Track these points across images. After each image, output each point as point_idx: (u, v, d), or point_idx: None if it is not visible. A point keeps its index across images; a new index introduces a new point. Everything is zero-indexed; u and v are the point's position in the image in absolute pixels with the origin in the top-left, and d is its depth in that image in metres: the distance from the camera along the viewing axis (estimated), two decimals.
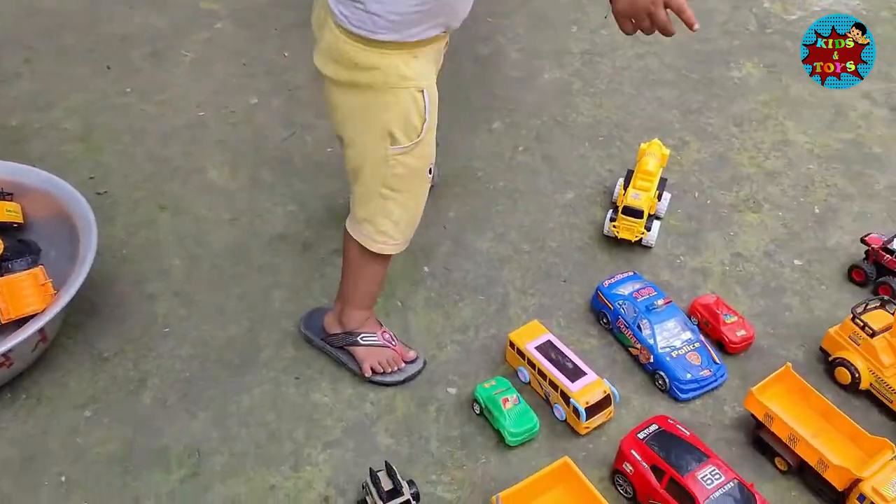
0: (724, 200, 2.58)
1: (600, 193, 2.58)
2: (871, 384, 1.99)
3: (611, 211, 2.39)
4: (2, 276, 2.02)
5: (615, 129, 2.83)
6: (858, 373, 1.98)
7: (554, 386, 1.94)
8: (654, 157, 2.45)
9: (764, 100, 2.98)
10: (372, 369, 2.01)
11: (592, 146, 2.76)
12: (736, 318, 2.14)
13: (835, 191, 2.61)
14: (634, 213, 2.31)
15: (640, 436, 1.81)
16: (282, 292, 2.23)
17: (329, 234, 2.38)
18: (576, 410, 1.89)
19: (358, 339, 2.01)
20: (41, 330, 1.86)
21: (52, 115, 2.77)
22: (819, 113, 2.92)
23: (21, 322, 1.91)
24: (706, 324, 2.15)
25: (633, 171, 2.46)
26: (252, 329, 2.14)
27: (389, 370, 2.02)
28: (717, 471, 1.71)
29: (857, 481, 1.71)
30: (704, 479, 1.69)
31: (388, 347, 2.02)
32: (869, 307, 2.04)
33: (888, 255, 2.24)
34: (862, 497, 1.70)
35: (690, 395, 2.01)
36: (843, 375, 2.02)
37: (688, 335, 2.08)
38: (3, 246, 2.07)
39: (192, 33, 3.18)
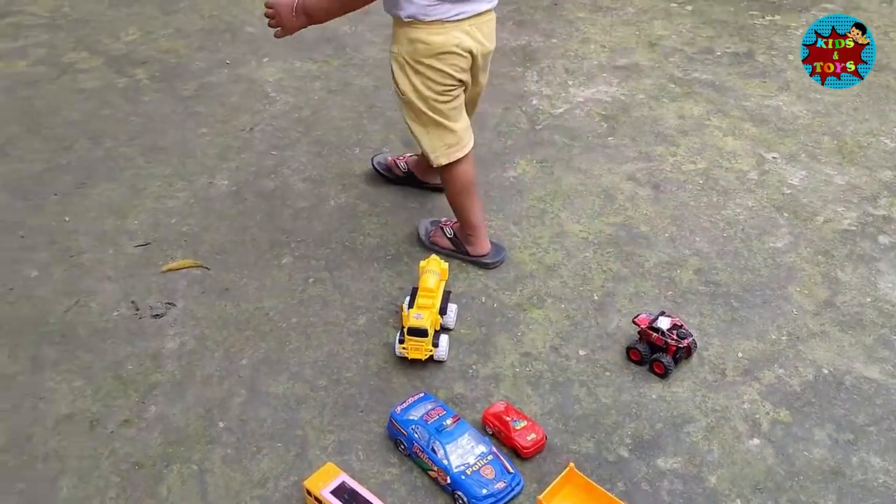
0: (510, 301, 2.68)
1: (392, 314, 2.63)
2: None
3: (399, 333, 2.44)
4: None
5: (402, 245, 2.91)
6: None
7: None
8: (433, 273, 2.54)
9: (539, 195, 3.15)
10: None
11: (381, 266, 2.83)
12: (526, 422, 2.21)
13: (610, 275, 2.77)
14: (419, 332, 2.37)
15: None
16: (69, 479, 2.13)
17: (118, 405, 2.31)
18: None
19: None
20: None
21: None
22: (590, 200, 3.11)
23: None
24: (499, 432, 2.21)
25: (417, 289, 2.53)
26: None
27: None
28: None
29: None
30: None
31: None
32: None
33: (655, 333, 2.38)
34: None
35: None
36: None
37: (481, 449, 2.13)
38: None
39: None
